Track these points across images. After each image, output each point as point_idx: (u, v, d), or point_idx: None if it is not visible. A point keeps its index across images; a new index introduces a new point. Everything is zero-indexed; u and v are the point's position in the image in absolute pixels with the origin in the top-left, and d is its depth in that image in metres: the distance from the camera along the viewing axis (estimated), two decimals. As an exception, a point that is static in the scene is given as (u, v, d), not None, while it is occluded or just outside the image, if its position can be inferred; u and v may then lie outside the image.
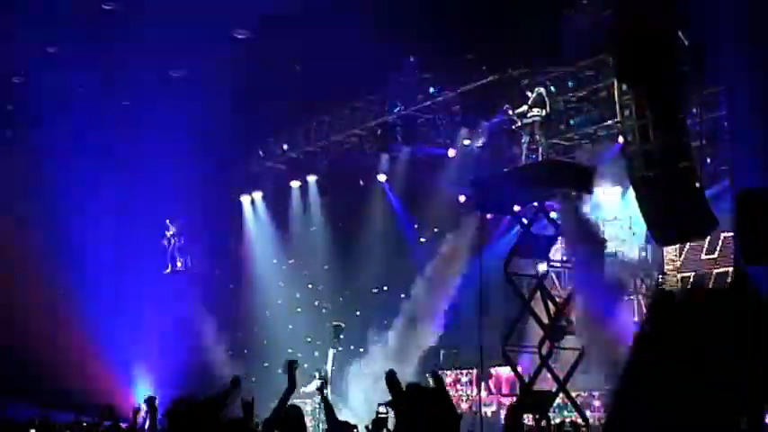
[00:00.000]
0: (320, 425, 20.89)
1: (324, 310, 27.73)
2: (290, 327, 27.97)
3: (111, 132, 27.03)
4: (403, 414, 1.52)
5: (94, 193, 28.42)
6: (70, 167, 27.90)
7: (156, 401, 7.32)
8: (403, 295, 23.03)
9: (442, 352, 25.47)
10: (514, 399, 19.61)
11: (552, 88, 21.13)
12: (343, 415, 19.98)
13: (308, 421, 12.89)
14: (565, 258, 20.72)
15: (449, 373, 25.48)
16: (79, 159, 27.68)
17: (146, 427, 11.26)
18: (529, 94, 19.85)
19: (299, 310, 28.70)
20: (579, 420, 18.27)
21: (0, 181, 27.24)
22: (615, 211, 23.37)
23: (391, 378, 1.53)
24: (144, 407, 11.56)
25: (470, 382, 24.71)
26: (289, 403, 6.79)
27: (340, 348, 24.13)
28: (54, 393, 23.97)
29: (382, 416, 9.63)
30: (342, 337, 25.37)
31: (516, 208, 20.38)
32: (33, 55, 23.48)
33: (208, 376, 23.78)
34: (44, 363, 25.67)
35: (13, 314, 26.72)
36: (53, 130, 26.47)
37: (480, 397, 22.59)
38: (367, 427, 11.54)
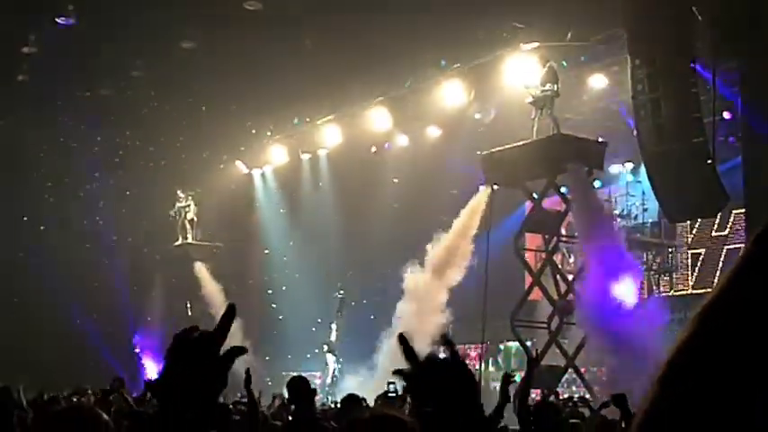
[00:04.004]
0: (329, 397, 21.00)
1: (333, 282, 27.74)
2: (299, 299, 28.01)
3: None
4: (418, 390, 1.44)
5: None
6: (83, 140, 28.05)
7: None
8: (414, 269, 22.98)
9: (450, 326, 25.50)
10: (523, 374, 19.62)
11: (564, 63, 21.04)
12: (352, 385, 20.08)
13: (317, 396, 12.94)
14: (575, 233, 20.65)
15: (458, 347, 25.52)
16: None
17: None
18: (540, 68, 19.75)
19: (303, 276, 28.76)
20: (588, 396, 18.28)
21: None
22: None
23: (404, 342, 1.38)
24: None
25: (479, 356, 24.76)
26: (295, 374, 6.93)
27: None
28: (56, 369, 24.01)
29: (392, 395, 9.58)
30: (349, 305, 25.46)
31: (527, 182, 20.33)
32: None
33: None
34: (48, 338, 25.74)
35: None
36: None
37: (480, 372, 22.62)
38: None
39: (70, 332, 26.29)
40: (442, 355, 1.75)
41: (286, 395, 9.91)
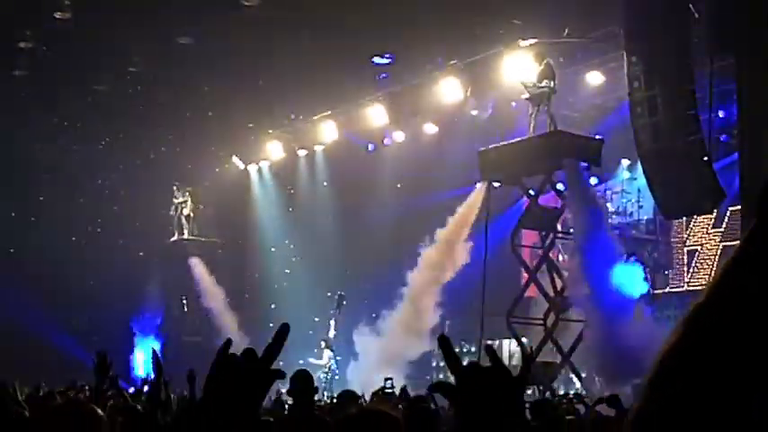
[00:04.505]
0: (326, 393, 21.02)
1: (329, 278, 27.74)
2: (296, 295, 28.00)
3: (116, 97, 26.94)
4: (460, 400, 1.40)
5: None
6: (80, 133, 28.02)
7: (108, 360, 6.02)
8: (409, 267, 23.00)
9: (447, 323, 25.52)
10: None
11: (561, 60, 21.04)
12: (348, 383, 20.11)
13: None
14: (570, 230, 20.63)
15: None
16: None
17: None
18: (537, 65, 19.74)
19: (300, 272, 28.77)
20: (583, 392, 18.28)
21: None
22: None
23: (445, 344, 1.33)
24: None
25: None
26: (297, 369, 6.96)
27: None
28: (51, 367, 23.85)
29: (388, 390, 9.56)
30: (344, 304, 25.43)
31: (524, 179, 20.33)
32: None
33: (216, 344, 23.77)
34: (43, 335, 25.68)
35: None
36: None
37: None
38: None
39: (66, 329, 26.26)
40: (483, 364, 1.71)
41: (283, 390, 9.87)
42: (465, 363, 1.66)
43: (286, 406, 10.50)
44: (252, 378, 1.74)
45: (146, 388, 11.46)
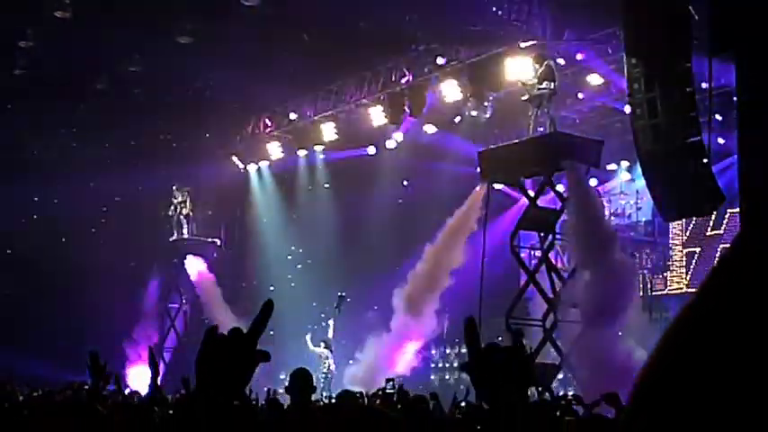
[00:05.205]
0: (323, 393, 21.02)
1: (329, 280, 27.73)
2: (295, 296, 27.98)
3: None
4: (479, 377, 1.46)
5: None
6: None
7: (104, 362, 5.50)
8: (409, 268, 22.99)
9: (446, 324, 25.52)
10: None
11: (561, 61, 21.05)
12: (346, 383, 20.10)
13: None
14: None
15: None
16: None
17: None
18: (537, 66, 19.75)
19: (299, 273, 28.75)
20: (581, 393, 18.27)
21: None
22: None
23: (471, 326, 1.38)
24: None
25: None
26: (297, 367, 6.99)
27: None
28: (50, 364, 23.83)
29: (389, 391, 9.57)
30: (343, 306, 25.43)
31: (523, 180, 20.33)
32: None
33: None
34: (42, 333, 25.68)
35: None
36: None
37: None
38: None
39: (65, 327, 26.25)
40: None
41: (281, 390, 9.88)
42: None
43: (284, 405, 10.49)
44: (239, 354, 1.78)
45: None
